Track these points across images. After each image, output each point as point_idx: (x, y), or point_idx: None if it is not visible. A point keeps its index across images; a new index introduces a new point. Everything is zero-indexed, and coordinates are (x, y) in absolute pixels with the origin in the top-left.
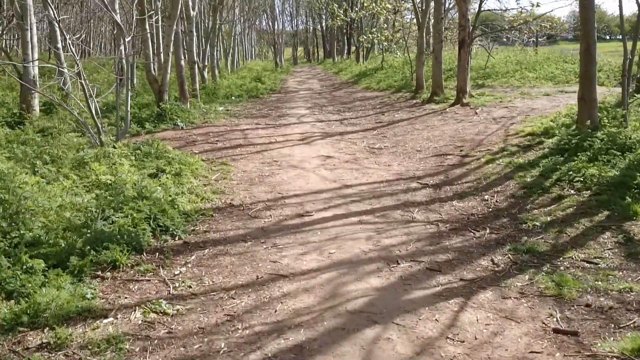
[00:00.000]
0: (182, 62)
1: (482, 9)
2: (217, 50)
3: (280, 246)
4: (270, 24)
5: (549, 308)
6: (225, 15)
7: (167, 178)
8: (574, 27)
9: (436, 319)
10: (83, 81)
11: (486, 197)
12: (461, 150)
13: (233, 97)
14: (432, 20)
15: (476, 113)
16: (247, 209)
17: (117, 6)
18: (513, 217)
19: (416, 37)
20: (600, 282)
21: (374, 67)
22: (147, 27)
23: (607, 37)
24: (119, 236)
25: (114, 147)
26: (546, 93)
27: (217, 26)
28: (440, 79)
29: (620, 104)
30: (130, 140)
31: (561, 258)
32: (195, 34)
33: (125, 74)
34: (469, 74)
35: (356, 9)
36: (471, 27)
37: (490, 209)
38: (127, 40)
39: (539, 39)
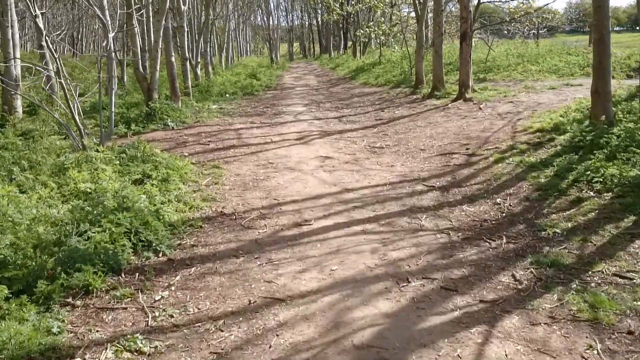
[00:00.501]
0: (173, 59)
1: (482, 1)
2: (210, 46)
3: (276, 262)
4: (265, 19)
5: (586, 337)
6: (219, 10)
7: (153, 185)
8: (573, 19)
9: (458, 355)
10: (63, 80)
11: (498, 200)
12: (467, 149)
13: (227, 95)
14: (432, 13)
15: (480, 108)
16: (239, 218)
17: (105, 2)
18: (530, 224)
19: (414, 31)
20: (639, 303)
21: (371, 62)
22: (135, 21)
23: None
24: (94, 255)
25: (97, 150)
26: (551, 86)
27: (210, 21)
28: (441, 73)
29: (634, 96)
30: (117, 142)
31: (590, 272)
32: (186, 29)
33: (110, 72)
34: (471, 68)
35: (352, 2)
36: (472, 20)
37: (504, 214)
38: (110, 35)
39: (540, 32)
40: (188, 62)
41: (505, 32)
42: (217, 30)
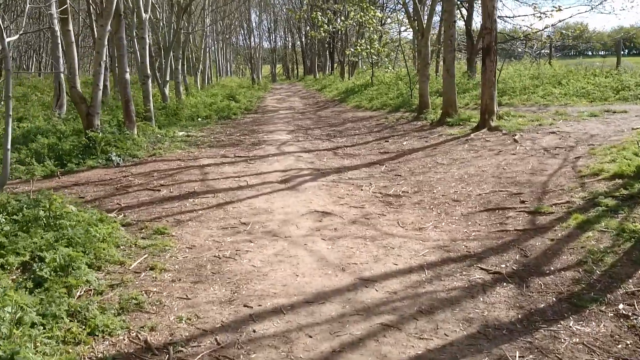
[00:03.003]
0: (128, 76)
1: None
2: (183, 63)
3: None
4: (247, 37)
5: None
6: (194, 24)
7: (36, 281)
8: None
9: None
10: None
11: (622, 308)
12: (523, 202)
13: (199, 119)
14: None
15: (515, 141)
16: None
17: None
18: None
19: (408, 49)
20: None
21: (362, 83)
22: (71, 26)
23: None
24: None
25: None
26: (591, 113)
27: (181, 35)
28: (454, 96)
29: None
30: (27, 188)
31: None
32: (148, 41)
33: (7, 90)
34: (496, 90)
35: (342, 18)
36: (497, 32)
37: None
38: (6, 40)
39: (553, 52)
40: (149, 80)
41: (511, 52)
42: (193, 47)
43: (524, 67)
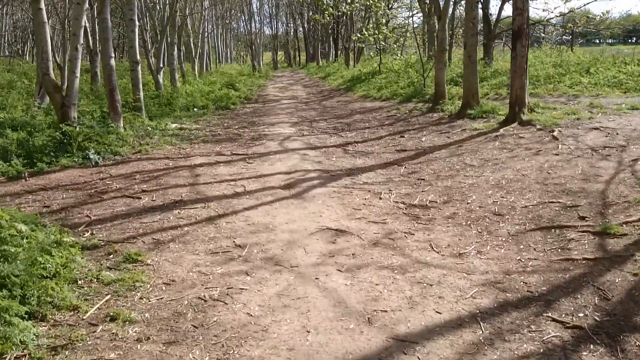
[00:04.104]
0: (113, 62)
1: None
2: (180, 49)
3: None
4: (247, 21)
5: None
6: (191, 7)
7: None
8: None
9: None
10: None
11: None
12: (583, 218)
13: (195, 109)
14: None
15: (555, 138)
16: None
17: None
18: None
19: (417, 35)
20: None
21: (369, 70)
22: (42, 4)
23: None
24: None
25: None
26: (633, 106)
27: (176, 18)
28: (476, 85)
29: None
30: None
31: None
32: (137, 23)
33: None
34: (527, 79)
35: (347, 0)
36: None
37: None
38: None
39: (575, 38)
40: (139, 66)
41: (532, 39)
42: (190, 32)
43: (544, 54)
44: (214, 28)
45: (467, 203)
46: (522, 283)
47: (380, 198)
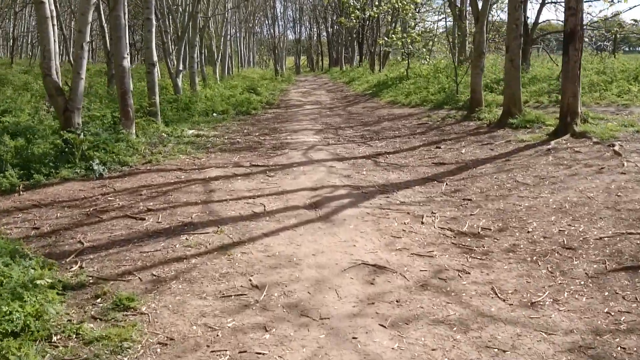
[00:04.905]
0: (127, 63)
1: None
2: (201, 52)
3: None
4: (270, 25)
5: None
6: (213, 8)
7: None
8: None
9: None
10: None
11: None
12: None
13: (214, 114)
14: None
15: (617, 153)
16: None
17: None
18: None
19: (444, 39)
20: None
21: (396, 75)
22: None
23: None
24: None
25: None
26: None
27: (198, 19)
28: (519, 91)
29: None
30: None
31: None
32: (155, 23)
33: None
34: (580, 86)
35: (375, 3)
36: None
37: None
38: None
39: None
40: (156, 69)
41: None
42: (212, 34)
43: (584, 61)
44: (237, 31)
45: (528, 232)
46: (618, 348)
47: (423, 222)
